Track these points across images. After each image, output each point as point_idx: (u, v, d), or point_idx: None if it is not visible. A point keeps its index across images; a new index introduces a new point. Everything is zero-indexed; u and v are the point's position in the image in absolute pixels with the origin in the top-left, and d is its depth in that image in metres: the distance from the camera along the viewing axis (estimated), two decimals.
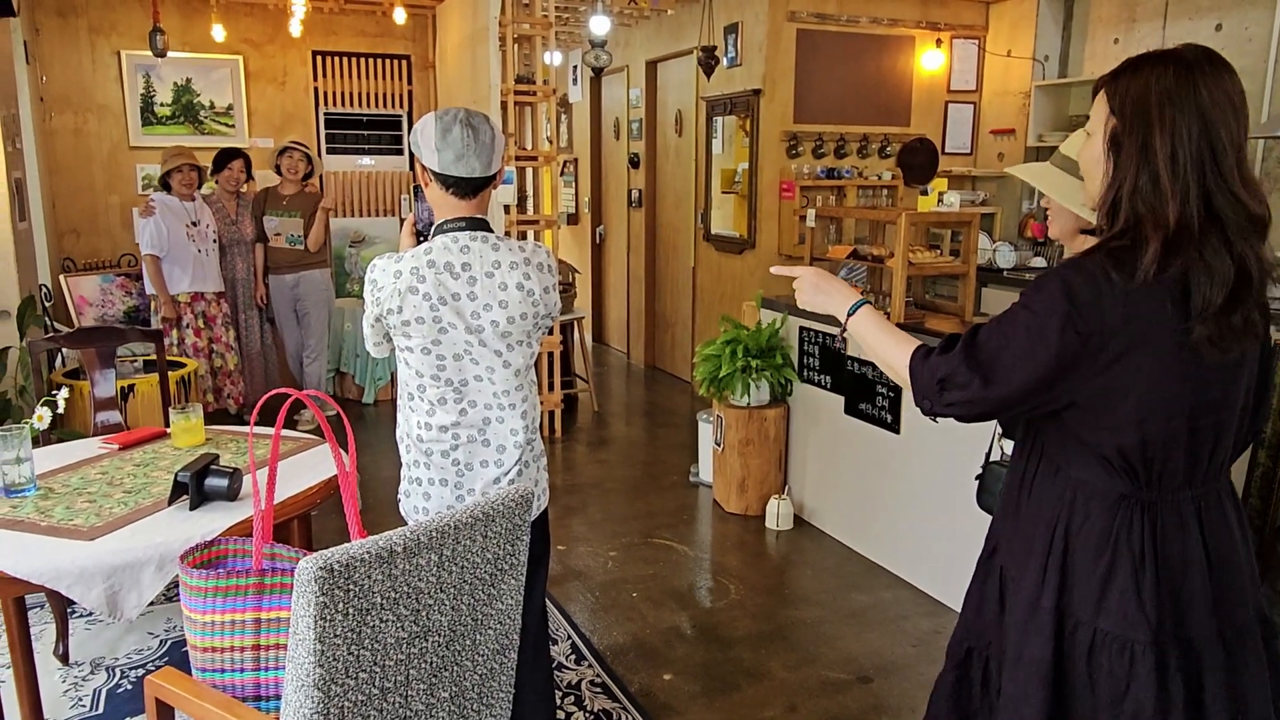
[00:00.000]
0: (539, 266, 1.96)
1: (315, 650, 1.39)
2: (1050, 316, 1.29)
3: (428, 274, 1.87)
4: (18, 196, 4.12)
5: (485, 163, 1.90)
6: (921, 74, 5.80)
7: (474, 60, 5.21)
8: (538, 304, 1.96)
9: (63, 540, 1.96)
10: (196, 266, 4.93)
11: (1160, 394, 1.31)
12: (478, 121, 1.88)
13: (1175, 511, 1.38)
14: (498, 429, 1.99)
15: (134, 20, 5.85)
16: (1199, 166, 1.26)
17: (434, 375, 1.93)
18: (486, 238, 1.92)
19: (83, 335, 3.25)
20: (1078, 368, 1.30)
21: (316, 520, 2.60)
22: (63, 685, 2.76)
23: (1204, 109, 1.27)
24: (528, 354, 2.01)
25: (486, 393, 1.96)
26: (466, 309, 1.89)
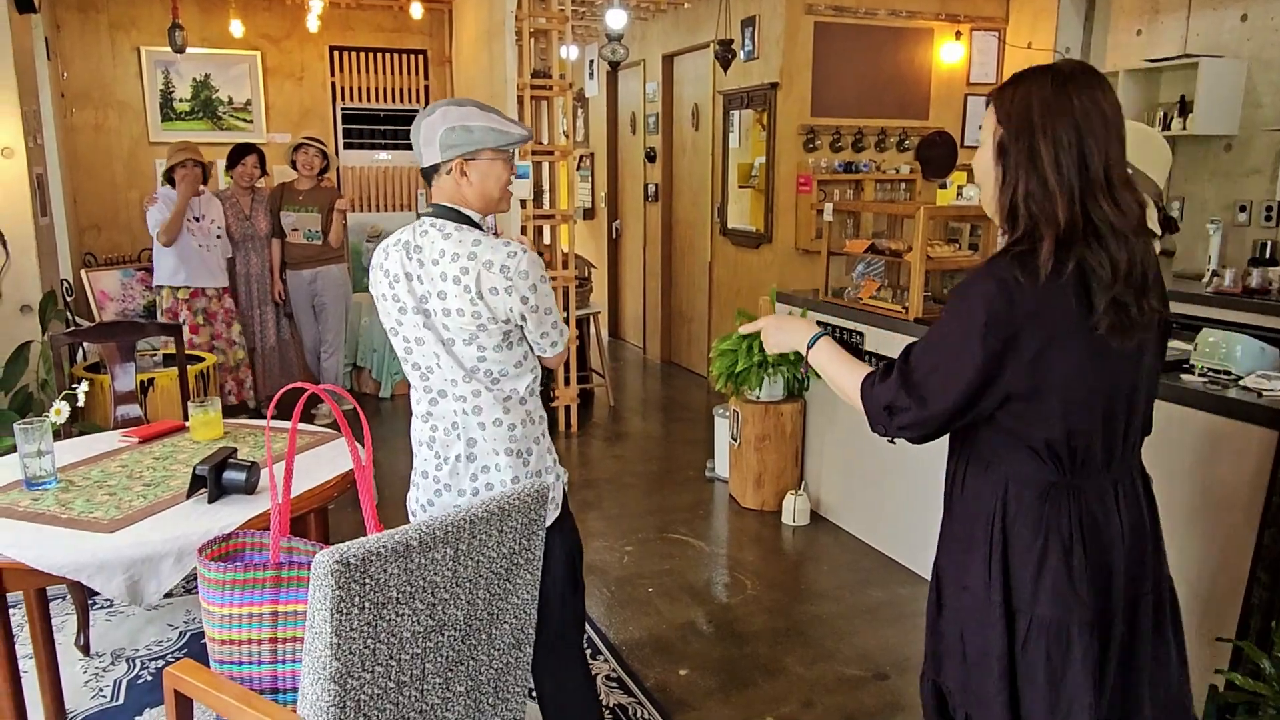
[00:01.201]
0: (488, 265, 1.81)
1: (332, 643, 1.39)
2: (971, 328, 1.41)
3: (392, 251, 1.91)
4: (39, 192, 4.15)
5: (416, 153, 1.91)
6: (940, 67, 5.75)
7: (490, 55, 5.21)
8: (476, 303, 1.82)
9: (83, 532, 1.97)
10: (195, 261, 4.90)
11: (1079, 385, 1.43)
12: (421, 113, 1.90)
13: (1098, 494, 1.49)
14: (473, 428, 1.92)
15: (154, 16, 5.88)
16: (1080, 171, 1.38)
17: (404, 358, 1.96)
18: (444, 225, 1.88)
19: (103, 329, 3.27)
20: (1004, 368, 1.41)
21: (333, 514, 2.61)
22: (84, 676, 2.79)
23: (1077, 118, 1.38)
24: (473, 355, 1.87)
25: (447, 384, 1.91)
26: (417, 290, 1.87)
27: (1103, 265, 1.37)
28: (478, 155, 1.88)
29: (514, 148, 1.95)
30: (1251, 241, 4.54)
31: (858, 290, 3.91)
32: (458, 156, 1.87)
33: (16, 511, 2.08)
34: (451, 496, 1.95)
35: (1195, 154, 4.81)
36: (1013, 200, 1.43)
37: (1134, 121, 1.78)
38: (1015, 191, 1.42)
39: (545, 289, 1.90)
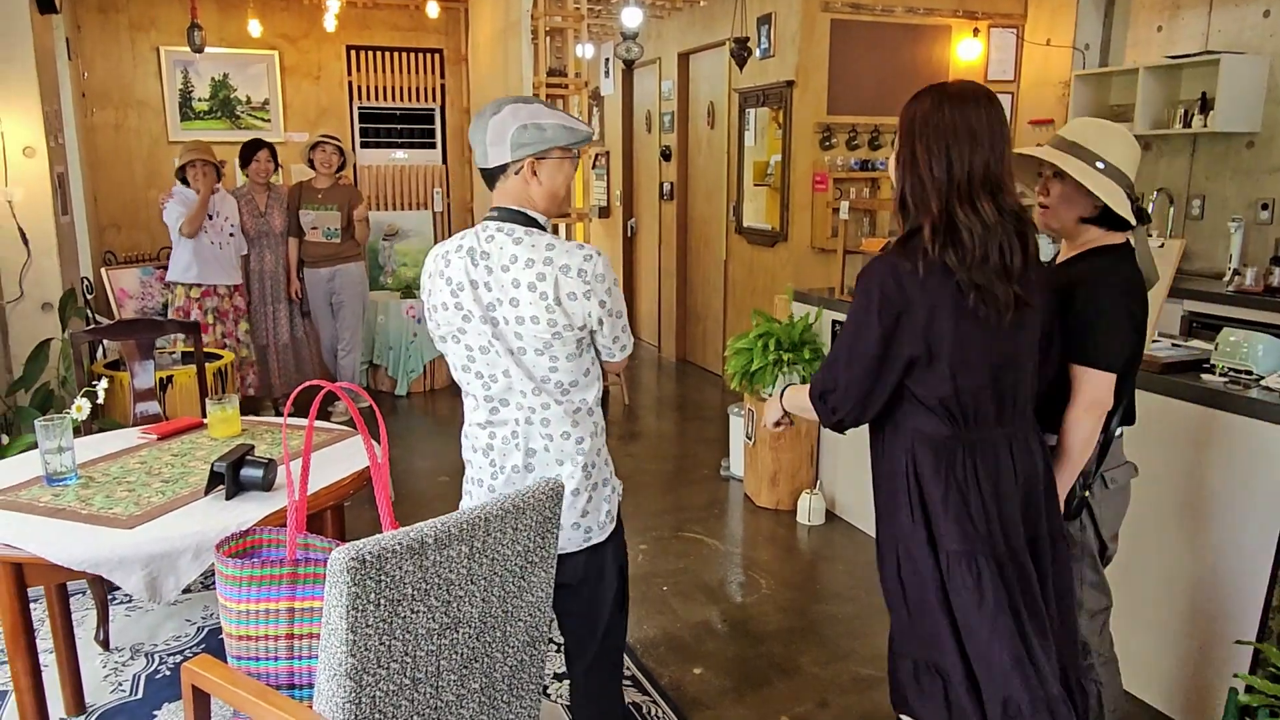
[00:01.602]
0: (565, 269, 1.77)
1: (348, 640, 1.40)
2: (869, 306, 1.72)
3: (453, 258, 1.83)
4: (60, 191, 4.19)
5: (480, 155, 1.84)
6: (958, 64, 5.71)
7: (506, 53, 5.22)
8: (553, 309, 1.77)
9: (103, 528, 1.99)
10: (209, 258, 4.93)
11: (962, 353, 1.70)
12: (485, 111, 1.83)
13: (991, 447, 1.77)
14: (536, 438, 1.87)
15: (173, 16, 5.93)
16: (946, 174, 1.67)
17: (464, 367, 1.89)
18: (513, 230, 1.81)
19: (123, 327, 3.30)
20: (901, 336, 1.70)
21: (349, 511, 2.62)
22: (103, 670, 2.82)
23: (946, 131, 1.68)
24: (545, 365, 1.82)
25: (516, 393, 1.85)
26: (484, 298, 1.80)
27: (960, 253, 1.65)
28: (548, 154, 1.81)
29: (580, 146, 1.89)
30: (1273, 240, 4.48)
31: None
32: (529, 156, 1.80)
33: (38, 507, 2.10)
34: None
35: (1216, 152, 4.76)
36: (902, 194, 1.73)
37: (1105, 120, 2.10)
38: (904, 187, 1.73)
39: (618, 292, 1.86)
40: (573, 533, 1.92)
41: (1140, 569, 2.66)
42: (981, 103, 1.70)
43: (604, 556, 1.98)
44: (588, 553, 1.95)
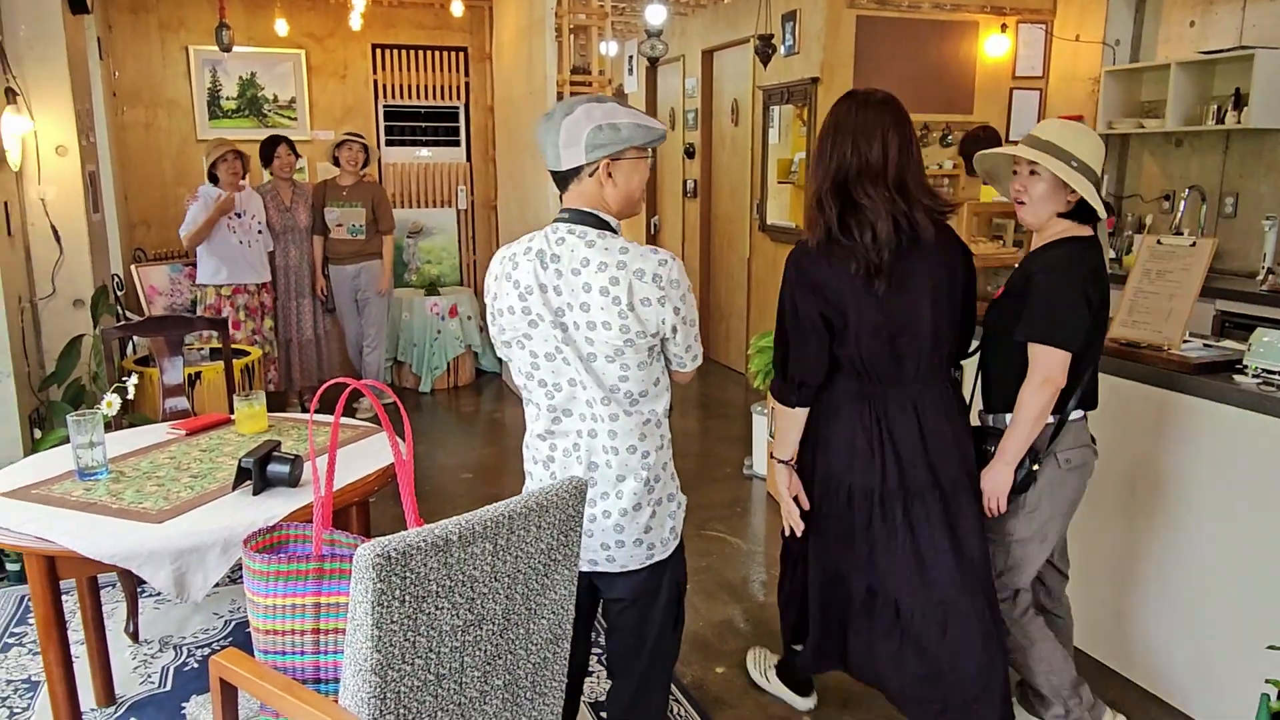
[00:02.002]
0: (639, 274, 1.72)
1: (373, 635, 1.41)
2: (790, 286, 2.11)
3: (521, 260, 1.79)
4: (92, 189, 4.25)
5: (552, 158, 1.78)
6: (985, 60, 5.66)
7: (530, 51, 5.23)
8: (626, 315, 1.72)
9: (133, 522, 2.01)
10: (237, 258, 4.97)
11: (861, 320, 2.04)
12: (554, 114, 1.77)
13: (897, 401, 2.11)
14: (598, 451, 1.83)
15: (202, 16, 5.99)
16: (838, 169, 2.04)
17: (528, 374, 1.84)
18: (585, 232, 1.76)
19: (153, 324, 3.34)
20: (820, 305, 2.06)
21: (374, 508, 2.64)
22: (132, 662, 2.86)
23: (854, 135, 2.03)
24: (615, 373, 1.77)
25: (580, 402, 1.81)
26: (553, 302, 1.75)
27: (853, 235, 2.01)
28: (624, 155, 1.76)
29: (656, 145, 1.84)
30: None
31: None
32: (605, 157, 1.74)
33: (69, 501, 2.13)
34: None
35: (1250, 149, 4.68)
36: (816, 188, 2.08)
37: (1073, 121, 2.29)
38: (817, 182, 2.08)
39: (692, 299, 1.80)
40: (635, 549, 1.88)
41: (1174, 569, 2.63)
42: (885, 105, 2.04)
43: (663, 574, 1.93)
44: (649, 570, 1.91)
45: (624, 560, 1.89)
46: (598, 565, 1.91)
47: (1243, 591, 2.44)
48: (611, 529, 1.87)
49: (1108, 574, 2.84)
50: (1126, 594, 2.79)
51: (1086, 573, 2.83)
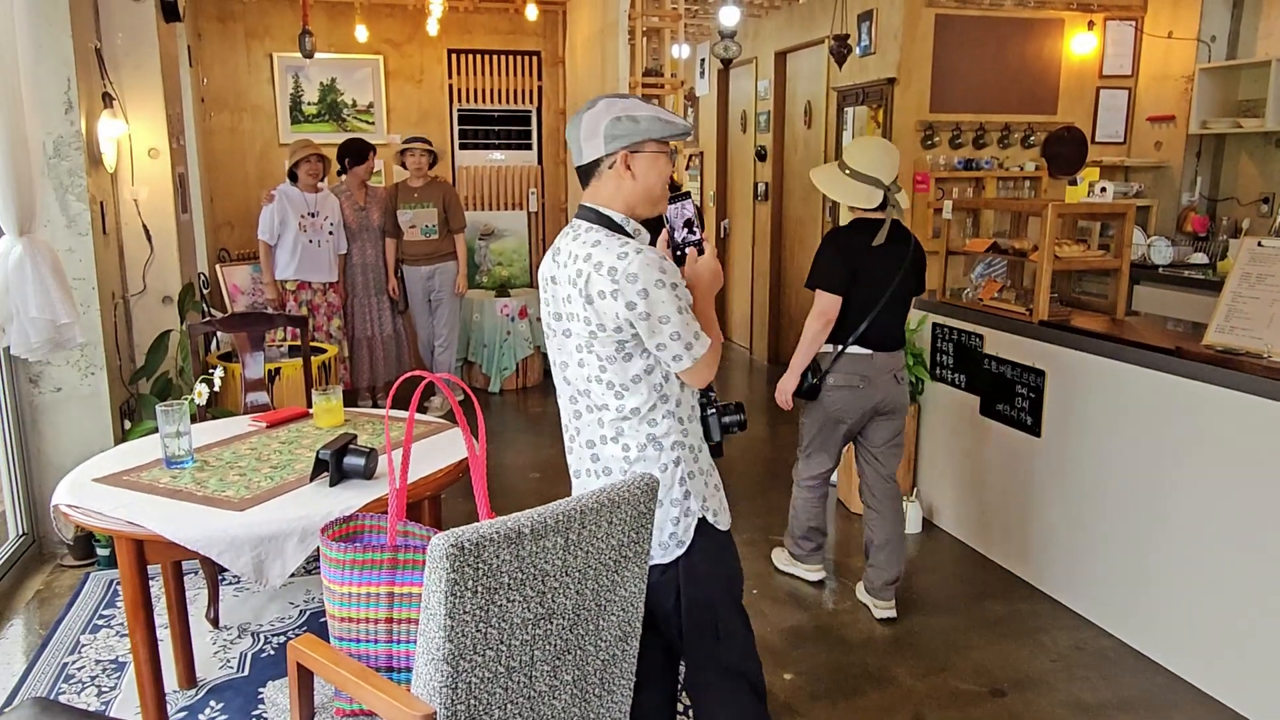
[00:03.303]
0: (598, 266, 1.70)
1: (445, 625, 1.42)
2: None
3: (548, 255, 1.88)
4: (181, 190, 4.40)
5: (575, 151, 1.82)
6: (1071, 59, 5.48)
7: (603, 54, 5.25)
8: (586, 308, 1.73)
9: (216, 510, 2.07)
10: (305, 256, 5.09)
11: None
12: (583, 109, 1.80)
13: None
14: (594, 444, 1.85)
15: (285, 24, 6.17)
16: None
17: (552, 360, 1.92)
18: (578, 225, 1.81)
19: (236, 320, 3.44)
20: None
21: (444, 504, 2.67)
22: (212, 647, 2.94)
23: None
24: (594, 365, 1.78)
25: (578, 394, 1.86)
26: (558, 294, 1.82)
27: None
28: (642, 147, 1.76)
29: (677, 140, 1.86)
30: None
31: (977, 291, 3.76)
32: (622, 149, 1.76)
33: (157, 488, 2.21)
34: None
35: None
36: None
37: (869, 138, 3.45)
38: None
39: (661, 295, 1.69)
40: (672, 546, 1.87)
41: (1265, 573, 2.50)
42: None
43: (672, 580, 1.88)
44: (655, 571, 1.87)
45: None
46: None
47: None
48: None
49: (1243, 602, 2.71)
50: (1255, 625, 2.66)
51: (1209, 597, 2.70)
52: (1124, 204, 3.55)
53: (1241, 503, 2.59)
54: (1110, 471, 3.03)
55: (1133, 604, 2.98)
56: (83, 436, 3.59)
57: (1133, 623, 2.98)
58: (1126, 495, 2.98)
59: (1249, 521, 2.57)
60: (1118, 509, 3.01)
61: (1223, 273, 4.62)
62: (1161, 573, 2.86)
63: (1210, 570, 2.69)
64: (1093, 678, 2.81)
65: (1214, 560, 2.68)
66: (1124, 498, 2.99)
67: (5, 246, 2.80)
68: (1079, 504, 3.17)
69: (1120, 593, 3.02)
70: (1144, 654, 2.92)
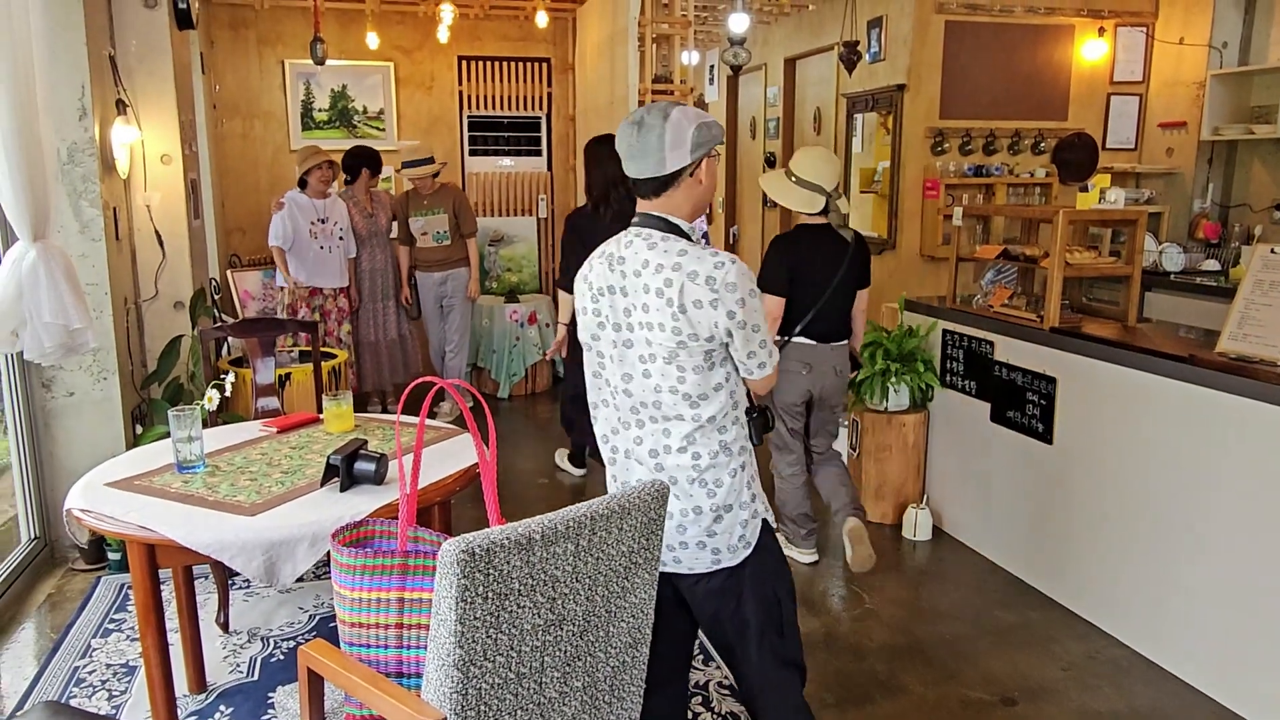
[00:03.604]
0: (692, 275, 1.71)
1: (456, 631, 1.42)
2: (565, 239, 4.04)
3: (596, 263, 1.85)
4: (193, 196, 4.43)
5: (654, 163, 1.75)
6: (1081, 65, 5.47)
7: (613, 61, 5.27)
8: (678, 317, 1.72)
9: (227, 514, 2.08)
10: (316, 262, 5.10)
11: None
12: (651, 119, 1.75)
13: None
14: (659, 454, 1.83)
15: (297, 31, 6.20)
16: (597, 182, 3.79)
17: (595, 374, 1.89)
18: (650, 235, 1.78)
19: (247, 326, 3.46)
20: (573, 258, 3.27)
21: (453, 510, 2.67)
22: (222, 651, 2.95)
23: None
24: (673, 376, 1.77)
25: (637, 405, 1.83)
26: (619, 305, 1.80)
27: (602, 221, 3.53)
28: (714, 152, 1.81)
29: None
30: None
31: (987, 298, 3.75)
32: (704, 156, 1.78)
33: (169, 493, 2.21)
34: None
35: None
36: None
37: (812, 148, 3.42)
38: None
39: (755, 304, 1.76)
40: (699, 552, 1.88)
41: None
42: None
43: (740, 581, 1.90)
44: (721, 576, 1.89)
45: (689, 563, 1.88)
46: (666, 567, 1.91)
47: None
48: (675, 530, 1.87)
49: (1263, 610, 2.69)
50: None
51: (1232, 604, 2.68)
52: (1136, 210, 3.54)
53: (1256, 511, 2.57)
54: (1123, 479, 3.02)
55: (1146, 613, 2.96)
56: (95, 441, 3.61)
57: (1146, 632, 2.96)
58: (1140, 503, 2.96)
59: (1264, 530, 2.55)
60: (1131, 517, 3.00)
61: (1235, 279, 4.60)
62: (1176, 581, 2.84)
63: (1224, 578, 2.67)
64: (1105, 687, 2.79)
65: (1228, 568, 2.66)
66: (1137, 506, 2.97)
67: (19, 252, 2.82)
68: (1091, 512, 3.15)
69: (1133, 601, 3.00)
70: (1158, 664, 2.90)
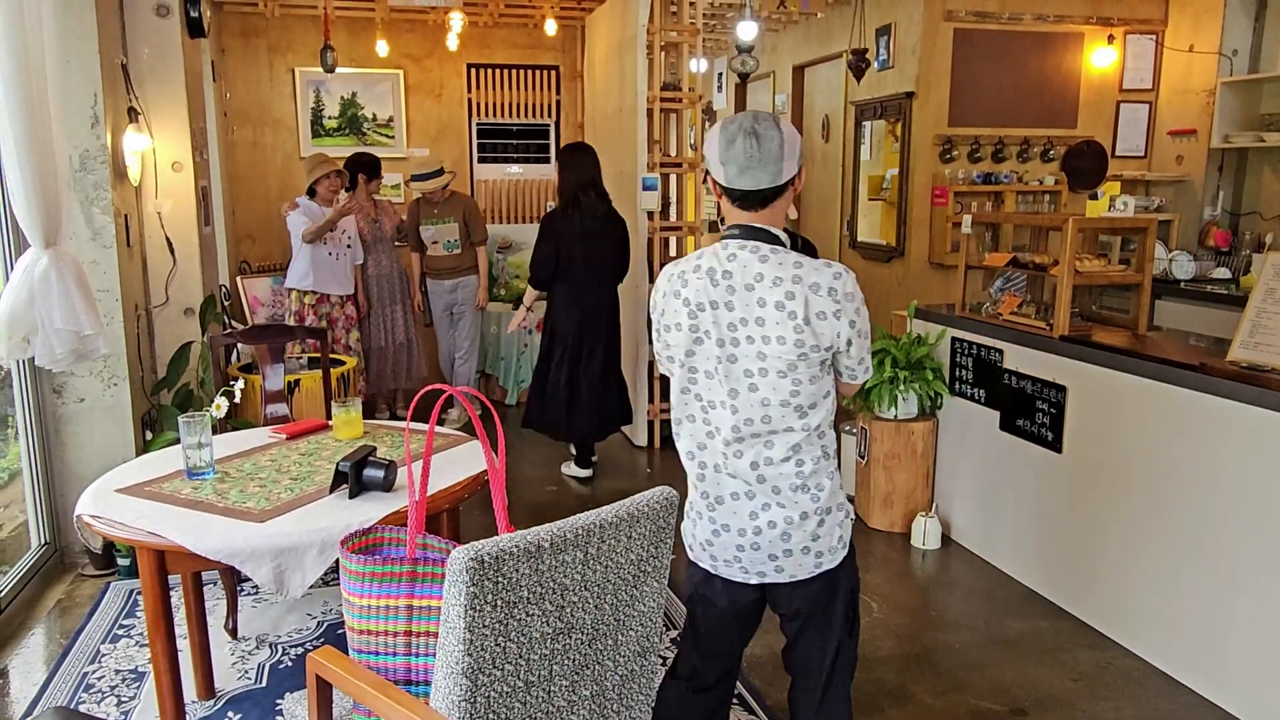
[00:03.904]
0: (814, 288, 1.72)
1: (465, 639, 1.42)
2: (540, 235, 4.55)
3: (690, 278, 1.81)
4: (204, 203, 4.45)
5: (773, 173, 1.75)
6: (1090, 72, 5.47)
7: (621, 68, 5.28)
8: (802, 329, 1.72)
9: (237, 521, 2.08)
10: (324, 269, 5.10)
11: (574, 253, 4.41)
12: (764, 129, 1.74)
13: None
14: (762, 465, 1.81)
15: (308, 39, 6.24)
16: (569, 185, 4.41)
17: (684, 389, 1.86)
18: (758, 248, 1.76)
19: (257, 332, 3.47)
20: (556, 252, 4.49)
21: (461, 516, 2.67)
22: (231, 657, 2.95)
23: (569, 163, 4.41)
24: (786, 389, 1.77)
25: (728, 422, 1.80)
26: (723, 319, 1.77)
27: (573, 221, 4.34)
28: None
29: None
30: None
31: (997, 305, 3.74)
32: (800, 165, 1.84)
33: (179, 499, 2.22)
34: (732, 537, 1.87)
35: None
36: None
37: None
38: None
39: (865, 311, 1.81)
40: (803, 558, 1.87)
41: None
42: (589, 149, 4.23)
43: (836, 582, 1.92)
44: (821, 579, 1.90)
45: (792, 570, 1.88)
46: (766, 577, 1.90)
47: None
48: (778, 539, 1.85)
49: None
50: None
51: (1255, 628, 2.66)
52: (1146, 218, 3.53)
53: (1269, 521, 2.56)
54: (1134, 489, 3.00)
55: (1158, 623, 2.94)
56: (105, 447, 3.62)
57: (1158, 642, 2.94)
58: (1151, 513, 2.94)
59: (1276, 539, 2.53)
60: (1142, 526, 2.98)
61: (1246, 288, 4.58)
62: (1187, 591, 2.82)
63: (1236, 588, 2.65)
64: (1116, 698, 2.78)
65: (1240, 578, 2.64)
66: (1148, 515, 2.96)
67: (31, 259, 2.84)
68: (1101, 521, 3.14)
69: (1145, 611, 2.98)
70: (1170, 675, 2.88)
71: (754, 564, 1.88)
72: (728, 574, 1.92)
